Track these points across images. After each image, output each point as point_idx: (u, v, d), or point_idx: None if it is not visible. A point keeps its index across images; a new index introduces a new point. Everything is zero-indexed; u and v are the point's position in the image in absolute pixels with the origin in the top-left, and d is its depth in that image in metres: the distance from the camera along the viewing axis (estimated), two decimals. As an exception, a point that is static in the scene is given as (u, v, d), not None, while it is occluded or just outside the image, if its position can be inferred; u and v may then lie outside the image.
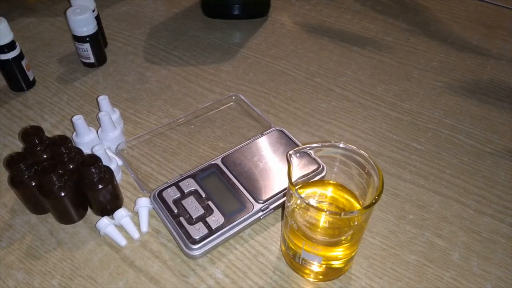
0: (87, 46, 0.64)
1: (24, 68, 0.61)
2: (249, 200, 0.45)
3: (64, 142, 0.45)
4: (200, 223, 0.43)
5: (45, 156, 0.46)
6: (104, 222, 0.44)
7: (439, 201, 0.48)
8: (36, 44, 0.72)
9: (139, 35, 0.74)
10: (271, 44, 0.72)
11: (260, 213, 0.45)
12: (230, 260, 0.43)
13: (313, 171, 0.46)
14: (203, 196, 0.45)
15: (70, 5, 0.63)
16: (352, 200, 0.39)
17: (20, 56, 0.60)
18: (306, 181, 0.44)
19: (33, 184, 0.43)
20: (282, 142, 0.51)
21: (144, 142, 0.55)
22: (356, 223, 0.35)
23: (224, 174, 0.48)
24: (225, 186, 0.47)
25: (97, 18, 0.66)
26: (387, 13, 0.79)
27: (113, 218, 0.45)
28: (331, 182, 0.41)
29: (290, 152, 0.36)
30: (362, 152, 0.36)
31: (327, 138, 0.56)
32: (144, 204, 0.46)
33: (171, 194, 0.45)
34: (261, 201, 0.45)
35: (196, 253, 0.41)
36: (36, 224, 0.46)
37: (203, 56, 0.69)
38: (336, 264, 0.39)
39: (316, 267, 0.39)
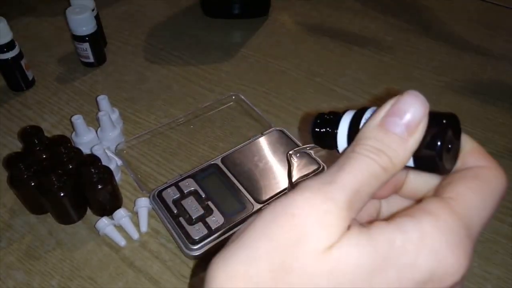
0: (86, 45, 0.63)
1: (24, 67, 0.61)
2: (249, 200, 0.45)
3: (63, 142, 0.45)
4: (200, 223, 0.43)
5: (44, 156, 0.46)
6: (104, 222, 0.44)
7: (439, 202, 0.48)
8: (36, 44, 0.72)
9: (138, 34, 0.74)
10: (271, 44, 0.71)
11: (260, 214, 0.44)
12: (230, 260, 0.42)
13: (313, 171, 0.46)
14: (203, 196, 0.45)
15: (70, 5, 0.63)
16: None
17: (20, 56, 0.60)
18: (306, 181, 0.44)
19: (33, 184, 0.43)
20: (282, 142, 0.51)
21: (143, 142, 0.55)
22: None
23: (224, 174, 0.48)
24: (225, 186, 0.46)
25: (97, 17, 0.66)
26: (387, 13, 0.78)
27: (112, 218, 0.45)
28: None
29: (290, 152, 0.36)
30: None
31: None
32: (143, 204, 0.46)
33: (171, 194, 0.45)
34: (261, 201, 0.45)
35: (196, 253, 0.41)
36: (36, 224, 0.46)
37: (203, 56, 0.69)
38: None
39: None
